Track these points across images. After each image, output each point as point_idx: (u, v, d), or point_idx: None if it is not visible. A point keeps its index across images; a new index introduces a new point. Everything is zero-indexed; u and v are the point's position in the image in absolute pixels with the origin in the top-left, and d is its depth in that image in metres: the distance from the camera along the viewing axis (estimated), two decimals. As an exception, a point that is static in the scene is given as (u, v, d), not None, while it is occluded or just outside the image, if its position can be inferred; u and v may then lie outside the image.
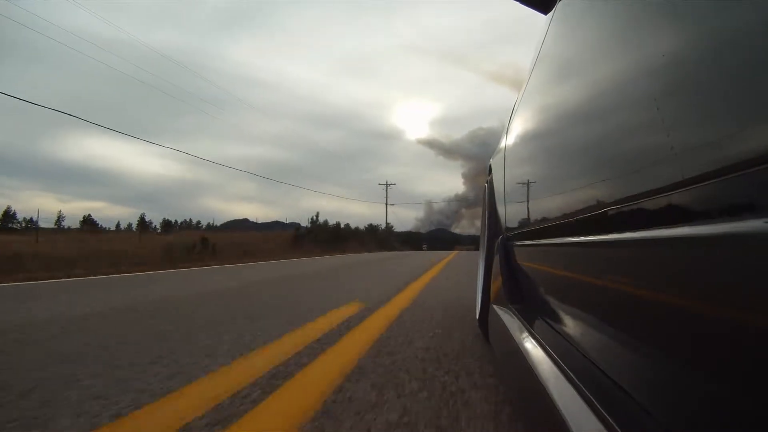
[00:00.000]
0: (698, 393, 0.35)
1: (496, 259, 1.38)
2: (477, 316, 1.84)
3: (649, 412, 0.40)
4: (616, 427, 0.40)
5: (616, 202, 0.48)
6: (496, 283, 1.33)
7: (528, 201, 1.02)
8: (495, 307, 1.25)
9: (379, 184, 46.71)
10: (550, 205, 0.81)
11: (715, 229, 0.29)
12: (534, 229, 0.95)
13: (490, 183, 1.72)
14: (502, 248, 1.35)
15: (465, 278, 4.82)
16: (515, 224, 1.22)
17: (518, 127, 1.21)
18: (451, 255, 15.31)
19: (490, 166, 1.77)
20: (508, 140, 1.37)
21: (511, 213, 1.30)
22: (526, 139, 1.09)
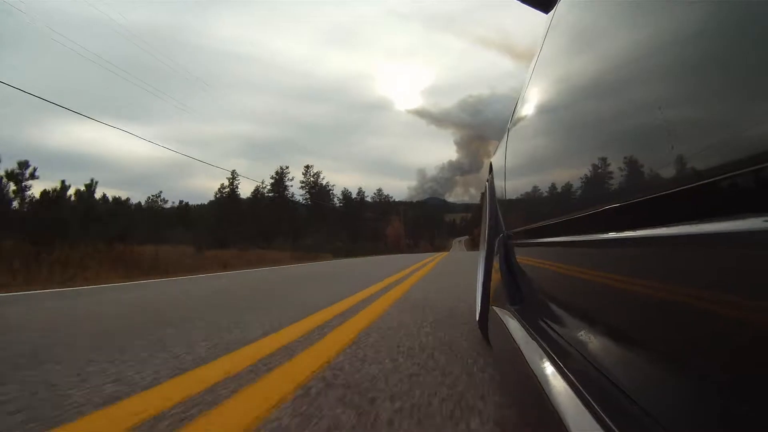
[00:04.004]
0: (700, 396, 0.35)
1: (497, 258, 1.37)
2: (477, 318, 1.84)
3: (651, 417, 0.40)
4: (616, 431, 0.39)
5: (617, 201, 0.48)
6: (497, 284, 1.32)
7: (529, 199, 1.02)
8: (495, 308, 1.25)
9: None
10: (551, 203, 0.80)
11: (722, 228, 0.28)
12: (535, 228, 0.94)
13: (491, 182, 1.72)
14: (502, 247, 1.35)
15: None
16: (516, 223, 1.21)
17: (519, 127, 1.20)
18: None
19: (491, 165, 1.77)
20: (509, 139, 1.37)
21: (512, 212, 1.29)
22: (528, 138, 1.08)
